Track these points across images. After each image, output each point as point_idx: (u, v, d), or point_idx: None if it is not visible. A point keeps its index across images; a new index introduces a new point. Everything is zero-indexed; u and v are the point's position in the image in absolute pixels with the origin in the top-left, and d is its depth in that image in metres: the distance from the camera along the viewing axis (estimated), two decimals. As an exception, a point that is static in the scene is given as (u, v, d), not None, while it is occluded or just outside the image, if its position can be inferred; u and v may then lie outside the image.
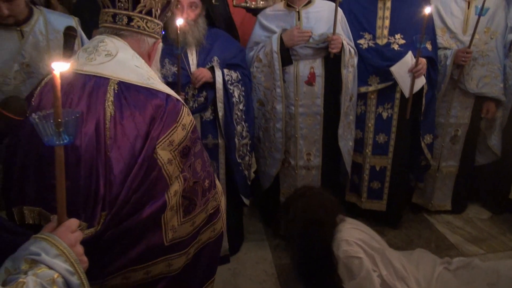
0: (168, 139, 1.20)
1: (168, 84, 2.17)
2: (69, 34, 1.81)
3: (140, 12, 1.27)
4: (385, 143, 2.79)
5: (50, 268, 0.84)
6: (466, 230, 2.96)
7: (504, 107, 2.82)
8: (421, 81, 2.54)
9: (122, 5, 1.26)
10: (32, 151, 1.17)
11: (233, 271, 2.56)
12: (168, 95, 1.24)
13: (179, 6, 2.15)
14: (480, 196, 3.24)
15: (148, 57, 1.37)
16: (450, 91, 2.81)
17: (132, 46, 1.29)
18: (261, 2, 2.70)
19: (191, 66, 2.27)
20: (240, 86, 2.32)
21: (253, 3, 2.72)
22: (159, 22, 1.34)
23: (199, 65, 2.27)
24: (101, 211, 1.15)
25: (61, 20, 2.03)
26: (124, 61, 1.24)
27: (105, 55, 1.24)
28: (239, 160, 2.41)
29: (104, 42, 1.26)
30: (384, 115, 2.74)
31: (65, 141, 0.86)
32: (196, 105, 2.27)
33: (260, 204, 3.16)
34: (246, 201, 2.55)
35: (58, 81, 0.83)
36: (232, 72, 2.31)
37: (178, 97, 1.29)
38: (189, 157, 1.28)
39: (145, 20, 1.29)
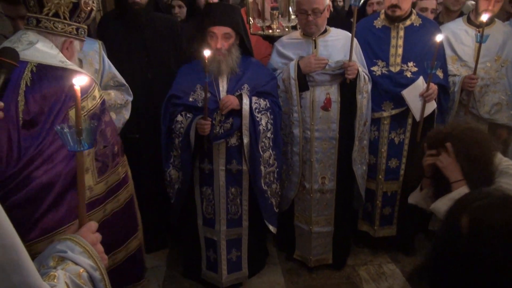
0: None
1: (198, 108, 2.27)
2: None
3: (47, 14, 1.51)
4: (396, 168, 2.82)
5: (76, 263, 0.94)
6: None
7: (516, 133, 2.86)
8: (432, 106, 2.60)
9: (31, 9, 1.52)
10: None
11: (245, 295, 2.55)
12: (80, 72, 1.48)
13: (213, 36, 2.24)
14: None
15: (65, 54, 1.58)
16: (463, 117, 2.86)
17: (50, 40, 1.54)
18: (277, 31, 2.80)
19: (221, 93, 2.34)
20: (268, 114, 2.37)
21: (269, 31, 2.82)
22: (71, 23, 1.56)
23: (228, 92, 2.34)
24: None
25: (87, 42, 2.18)
26: (43, 49, 1.49)
27: (27, 43, 1.48)
28: (265, 188, 2.43)
29: (26, 34, 1.51)
30: (396, 140, 2.78)
31: (85, 147, 0.99)
32: (222, 131, 2.32)
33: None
34: (273, 229, 2.54)
35: (79, 95, 0.99)
36: (261, 100, 2.37)
37: (90, 76, 1.58)
38: (100, 123, 1.56)
39: (52, 21, 1.52)
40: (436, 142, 1.72)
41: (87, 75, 1.52)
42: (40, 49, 1.48)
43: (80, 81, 1.02)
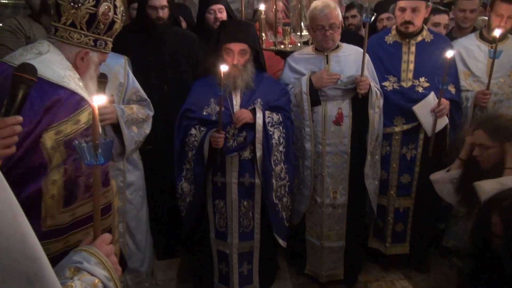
0: (57, 128, 1.40)
1: (212, 122, 2.30)
2: (99, 81, 2.06)
3: (64, 23, 1.50)
4: (408, 184, 2.80)
5: (91, 274, 0.96)
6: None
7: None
8: (443, 121, 2.59)
9: (52, 17, 1.52)
10: None
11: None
12: (73, 93, 1.44)
13: (230, 52, 2.29)
14: None
15: (75, 66, 1.54)
16: (476, 133, 2.84)
17: (63, 52, 1.52)
18: (289, 46, 2.84)
19: (234, 107, 2.38)
20: (281, 128, 2.40)
21: (281, 46, 2.86)
22: (88, 34, 1.52)
23: (242, 106, 2.38)
24: None
25: (113, 57, 2.28)
26: (49, 60, 1.46)
27: (35, 53, 1.47)
28: (276, 201, 2.45)
29: (41, 43, 1.51)
30: (408, 155, 2.77)
31: (101, 162, 1.01)
32: (235, 144, 2.36)
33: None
34: (283, 243, 2.54)
35: (96, 112, 1.02)
36: (274, 114, 2.40)
37: (86, 97, 1.48)
38: (75, 151, 1.42)
39: (68, 31, 1.51)
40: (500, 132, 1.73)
41: (83, 96, 1.47)
42: (47, 61, 1.45)
43: (98, 100, 1.03)
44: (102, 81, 2.05)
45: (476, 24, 3.31)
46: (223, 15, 3.06)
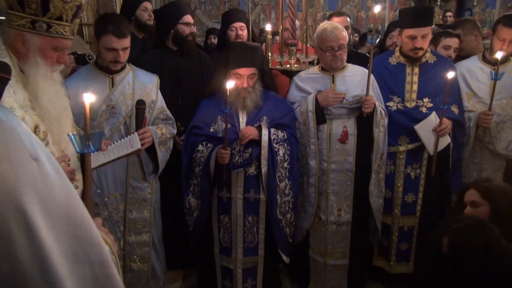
0: None
1: (218, 139, 2.37)
2: (138, 108, 2.20)
3: (8, 8, 1.48)
4: (413, 202, 2.81)
5: None
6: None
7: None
8: (445, 141, 2.63)
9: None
10: None
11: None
12: None
13: (239, 76, 2.35)
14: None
15: (16, 51, 1.52)
16: (479, 153, 2.87)
17: (4, 37, 1.51)
18: (295, 65, 2.91)
19: (241, 124, 2.44)
20: (286, 145, 2.45)
21: (287, 65, 2.93)
22: (24, 15, 1.47)
23: (248, 123, 2.44)
24: None
25: (147, 75, 2.48)
26: None
27: None
28: (280, 217, 2.47)
29: None
30: (413, 174, 2.78)
31: (91, 150, 1.18)
32: (241, 160, 2.40)
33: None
34: (286, 259, 2.55)
35: (88, 109, 1.19)
36: (279, 131, 2.45)
37: None
38: None
39: (9, 15, 1.49)
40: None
41: None
42: None
43: (88, 98, 1.18)
44: (141, 108, 2.22)
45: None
46: (244, 33, 3.14)
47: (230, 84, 2.08)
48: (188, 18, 2.86)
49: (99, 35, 2.21)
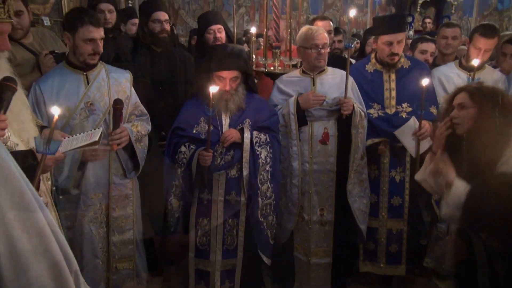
0: None
1: (201, 140, 2.38)
2: (116, 108, 2.22)
3: None
4: (399, 205, 2.86)
5: None
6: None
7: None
8: (428, 142, 2.69)
9: None
10: None
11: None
12: None
13: (222, 79, 2.35)
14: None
15: None
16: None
17: None
18: (279, 68, 2.95)
19: (223, 126, 2.45)
20: (268, 148, 2.47)
21: (271, 68, 2.97)
22: None
23: (231, 125, 2.45)
24: None
25: (119, 71, 2.47)
26: None
27: None
28: (261, 219, 2.49)
29: None
30: (397, 178, 2.84)
31: (48, 153, 1.44)
32: (223, 162, 2.42)
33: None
34: (268, 261, 2.56)
35: (55, 120, 1.48)
36: (262, 134, 2.47)
37: None
38: None
39: None
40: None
41: None
42: None
43: (56, 111, 1.46)
44: (118, 108, 2.24)
45: (458, 53, 3.49)
46: (222, 35, 3.12)
47: (213, 89, 2.09)
48: (158, 15, 2.82)
49: (74, 29, 2.15)
